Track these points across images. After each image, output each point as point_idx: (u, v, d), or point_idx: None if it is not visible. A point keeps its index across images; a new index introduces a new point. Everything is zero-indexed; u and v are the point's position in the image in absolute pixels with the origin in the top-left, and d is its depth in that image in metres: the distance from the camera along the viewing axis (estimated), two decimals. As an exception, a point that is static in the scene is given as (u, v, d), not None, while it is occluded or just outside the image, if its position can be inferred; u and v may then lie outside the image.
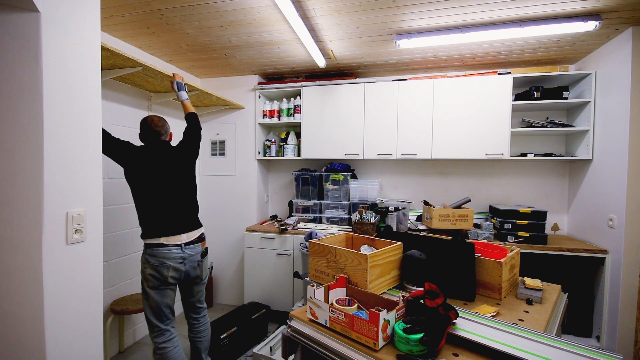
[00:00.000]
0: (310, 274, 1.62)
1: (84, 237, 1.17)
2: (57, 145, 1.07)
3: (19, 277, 1.05)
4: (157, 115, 1.94)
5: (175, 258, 1.76)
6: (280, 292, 2.91)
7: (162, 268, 1.73)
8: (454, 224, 2.50)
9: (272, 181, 3.56)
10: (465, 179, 3.07)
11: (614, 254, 2.24)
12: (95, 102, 1.21)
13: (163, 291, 1.77)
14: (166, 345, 1.79)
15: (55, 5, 1.06)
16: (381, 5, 1.87)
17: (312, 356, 1.15)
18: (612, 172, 2.27)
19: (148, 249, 1.75)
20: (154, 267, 1.73)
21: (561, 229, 2.86)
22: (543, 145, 2.89)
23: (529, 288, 1.46)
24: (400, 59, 2.74)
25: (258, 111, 3.20)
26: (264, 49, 2.54)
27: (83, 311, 1.18)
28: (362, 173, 3.30)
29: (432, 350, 0.98)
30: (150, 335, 1.80)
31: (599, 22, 1.94)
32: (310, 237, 2.53)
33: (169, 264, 1.74)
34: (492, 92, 2.64)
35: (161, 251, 1.73)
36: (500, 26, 2.07)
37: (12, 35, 1.03)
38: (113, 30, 2.22)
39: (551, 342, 0.99)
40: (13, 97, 1.04)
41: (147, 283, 1.76)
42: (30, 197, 1.04)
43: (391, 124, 2.85)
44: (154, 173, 1.78)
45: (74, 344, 1.15)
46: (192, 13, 1.98)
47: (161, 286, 1.75)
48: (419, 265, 1.47)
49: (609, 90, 2.32)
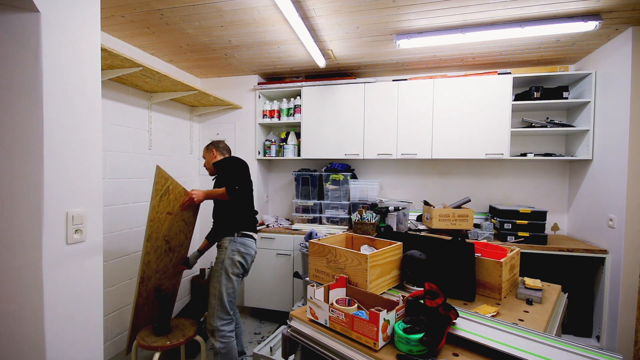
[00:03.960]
0: (310, 274, 1.62)
1: (84, 237, 1.17)
2: (57, 145, 1.07)
3: (19, 277, 1.05)
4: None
5: (255, 248, 2.06)
6: (280, 292, 2.91)
7: (249, 257, 2.00)
8: (454, 224, 2.50)
9: (272, 181, 3.56)
10: (465, 179, 3.07)
11: (614, 254, 2.24)
12: (95, 102, 1.21)
13: (240, 280, 1.99)
14: (232, 335, 1.93)
15: (55, 5, 1.06)
16: (381, 5, 1.87)
17: (312, 356, 1.15)
18: (612, 172, 2.27)
19: (239, 239, 1.98)
20: (243, 255, 1.97)
21: (561, 229, 2.86)
22: (543, 145, 2.89)
23: (529, 288, 1.46)
24: (400, 59, 2.74)
25: (258, 111, 3.20)
26: (264, 49, 2.54)
27: (83, 311, 1.18)
28: (362, 173, 3.30)
29: (432, 350, 0.98)
30: (217, 324, 1.89)
31: (599, 22, 1.94)
32: (310, 237, 2.53)
33: (253, 254, 2.03)
34: (492, 92, 2.64)
35: (251, 242, 2.02)
36: (500, 26, 2.07)
37: (12, 35, 1.03)
38: (113, 30, 2.22)
39: (551, 342, 0.99)
40: (13, 97, 1.04)
41: (232, 269, 1.93)
42: (30, 197, 1.04)
43: (391, 124, 2.85)
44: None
45: (74, 344, 1.15)
46: (192, 13, 1.98)
47: (242, 274, 2.00)
48: (419, 265, 1.47)
49: (609, 90, 2.32)
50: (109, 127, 2.30)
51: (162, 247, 2.01)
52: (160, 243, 1.99)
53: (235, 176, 1.96)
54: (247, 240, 2.01)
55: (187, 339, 1.87)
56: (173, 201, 2.00)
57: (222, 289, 1.90)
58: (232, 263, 1.93)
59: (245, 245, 1.99)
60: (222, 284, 1.90)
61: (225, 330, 1.88)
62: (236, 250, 1.95)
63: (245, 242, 1.99)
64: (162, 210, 1.92)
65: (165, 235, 2.01)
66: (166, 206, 1.95)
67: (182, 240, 2.23)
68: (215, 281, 1.93)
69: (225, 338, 1.87)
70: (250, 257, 2.02)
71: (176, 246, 2.17)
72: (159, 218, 1.91)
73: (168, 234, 2.03)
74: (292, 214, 3.32)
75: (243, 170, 2.01)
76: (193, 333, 1.92)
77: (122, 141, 2.42)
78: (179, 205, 2.02)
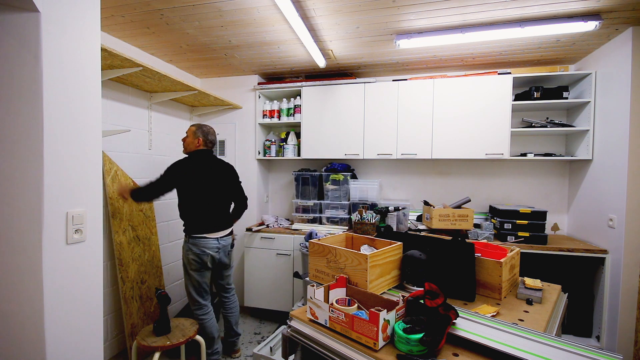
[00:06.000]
0: (310, 274, 1.62)
1: (84, 237, 1.17)
2: (57, 145, 1.07)
3: (19, 277, 1.05)
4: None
5: (212, 247, 2.19)
6: (280, 292, 2.91)
7: (204, 256, 2.16)
8: (454, 224, 2.50)
9: (272, 181, 3.56)
10: (465, 179, 3.07)
11: (614, 254, 2.24)
12: (95, 102, 1.21)
13: (203, 273, 2.20)
14: (204, 317, 2.22)
15: (55, 5, 1.05)
16: (381, 5, 1.87)
17: (312, 356, 1.15)
18: (612, 172, 2.27)
19: (191, 239, 2.15)
20: (196, 254, 2.14)
21: (561, 229, 2.86)
22: (543, 145, 2.89)
23: (529, 288, 1.46)
24: (400, 59, 2.74)
25: (258, 111, 3.20)
26: (264, 49, 2.54)
27: (83, 311, 1.18)
28: (362, 173, 3.30)
29: (432, 350, 0.98)
30: (192, 309, 2.23)
31: (599, 22, 1.94)
32: (310, 237, 2.53)
33: (208, 252, 2.17)
34: (492, 92, 2.64)
35: (204, 241, 2.16)
36: (500, 26, 2.07)
37: (12, 35, 1.03)
38: (113, 30, 2.22)
39: (551, 342, 0.99)
40: (13, 97, 1.04)
41: (189, 267, 2.17)
42: (30, 197, 1.04)
43: (391, 124, 2.85)
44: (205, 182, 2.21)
45: (74, 344, 1.15)
46: (192, 13, 1.98)
47: (202, 269, 2.19)
48: (419, 265, 1.47)
49: (609, 90, 2.32)
50: (109, 127, 2.30)
51: (129, 232, 2.32)
52: (126, 226, 2.31)
53: (157, 179, 2.11)
54: (200, 240, 2.15)
55: (187, 339, 1.87)
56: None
57: (187, 283, 2.22)
58: (188, 261, 2.17)
59: (197, 245, 2.14)
60: (187, 279, 2.22)
61: (198, 314, 2.22)
62: (189, 250, 2.16)
63: (197, 242, 2.14)
64: (116, 191, 2.25)
65: (129, 220, 2.36)
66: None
67: (149, 235, 2.53)
68: (184, 276, 2.26)
69: (199, 320, 2.20)
70: (207, 255, 2.16)
71: (144, 238, 2.47)
72: (117, 198, 2.27)
73: (131, 220, 2.38)
74: (292, 214, 3.32)
75: (170, 175, 2.11)
76: (193, 333, 1.93)
77: (122, 141, 2.42)
78: None
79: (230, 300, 2.44)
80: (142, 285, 2.43)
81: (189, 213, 2.17)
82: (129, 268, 2.32)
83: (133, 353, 1.95)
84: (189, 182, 2.13)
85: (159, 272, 2.65)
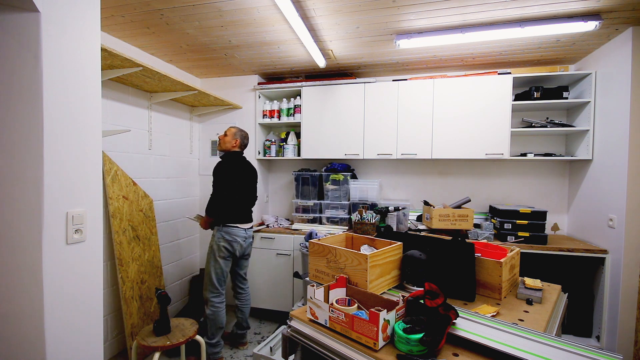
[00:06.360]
0: (310, 274, 1.62)
1: (84, 237, 1.17)
2: (57, 145, 1.07)
3: (19, 277, 1.05)
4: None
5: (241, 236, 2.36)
6: (280, 292, 2.91)
7: (235, 243, 2.32)
8: (454, 224, 2.50)
9: (272, 181, 3.56)
10: (465, 179, 3.07)
11: (614, 254, 2.24)
12: (95, 102, 1.21)
13: (228, 261, 2.34)
14: (220, 305, 2.32)
15: (55, 5, 1.05)
16: (381, 5, 1.87)
17: (312, 356, 1.15)
18: (612, 172, 2.27)
19: (224, 228, 2.31)
20: (228, 241, 2.30)
21: (561, 229, 2.86)
22: (543, 145, 2.89)
23: (529, 288, 1.46)
24: (400, 59, 2.74)
25: (258, 111, 3.20)
26: (264, 49, 2.54)
27: (83, 311, 1.18)
28: (362, 173, 3.30)
29: (432, 350, 0.98)
30: (209, 296, 2.30)
31: (599, 22, 1.94)
32: (310, 237, 2.53)
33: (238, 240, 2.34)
34: (492, 92, 2.64)
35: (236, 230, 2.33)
36: (500, 26, 2.07)
37: (12, 35, 1.03)
38: (113, 30, 2.22)
39: (551, 342, 0.99)
40: (13, 97, 1.04)
41: (218, 253, 2.30)
42: (30, 197, 1.04)
43: (391, 124, 2.85)
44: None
45: (74, 344, 1.15)
46: (192, 13, 1.98)
47: (230, 256, 2.34)
48: (419, 265, 1.47)
49: (609, 90, 2.32)
50: (109, 127, 2.30)
51: (129, 231, 2.36)
52: (126, 226, 2.32)
53: (213, 185, 2.30)
54: (232, 229, 2.32)
55: (187, 339, 1.87)
56: (125, 187, 2.38)
57: (211, 269, 2.31)
58: (218, 248, 2.29)
59: (230, 233, 2.31)
60: (211, 265, 2.31)
61: (214, 301, 2.29)
62: (221, 237, 2.30)
63: (229, 231, 2.31)
64: (116, 191, 2.29)
65: (129, 219, 2.37)
66: (120, 189, 2.32)
67: (149, 235, 2.55)
68: (207, 262, 2.34)
69: (214, 307, 2.29)
70: (237, 242, 2.33)
71: (144, 238, 2.49)
72: (116, 198, 2.29)
73: (131, 220, 2.40)
74: (292, 214, 3.32)
75: (221, 177, 2.30)
76: (193, 333, 1.93)
77: (122, 141, 2.42)
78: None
79: (245, 292, 2.57)
80: (142, 285, 2.43)
81: (225, 206, 2.31)
82: (129, 268, 2.33)
83: (133, 353, 1.95)
84: (228, 180, 2.31)
85: (159, 272, 2.65)
